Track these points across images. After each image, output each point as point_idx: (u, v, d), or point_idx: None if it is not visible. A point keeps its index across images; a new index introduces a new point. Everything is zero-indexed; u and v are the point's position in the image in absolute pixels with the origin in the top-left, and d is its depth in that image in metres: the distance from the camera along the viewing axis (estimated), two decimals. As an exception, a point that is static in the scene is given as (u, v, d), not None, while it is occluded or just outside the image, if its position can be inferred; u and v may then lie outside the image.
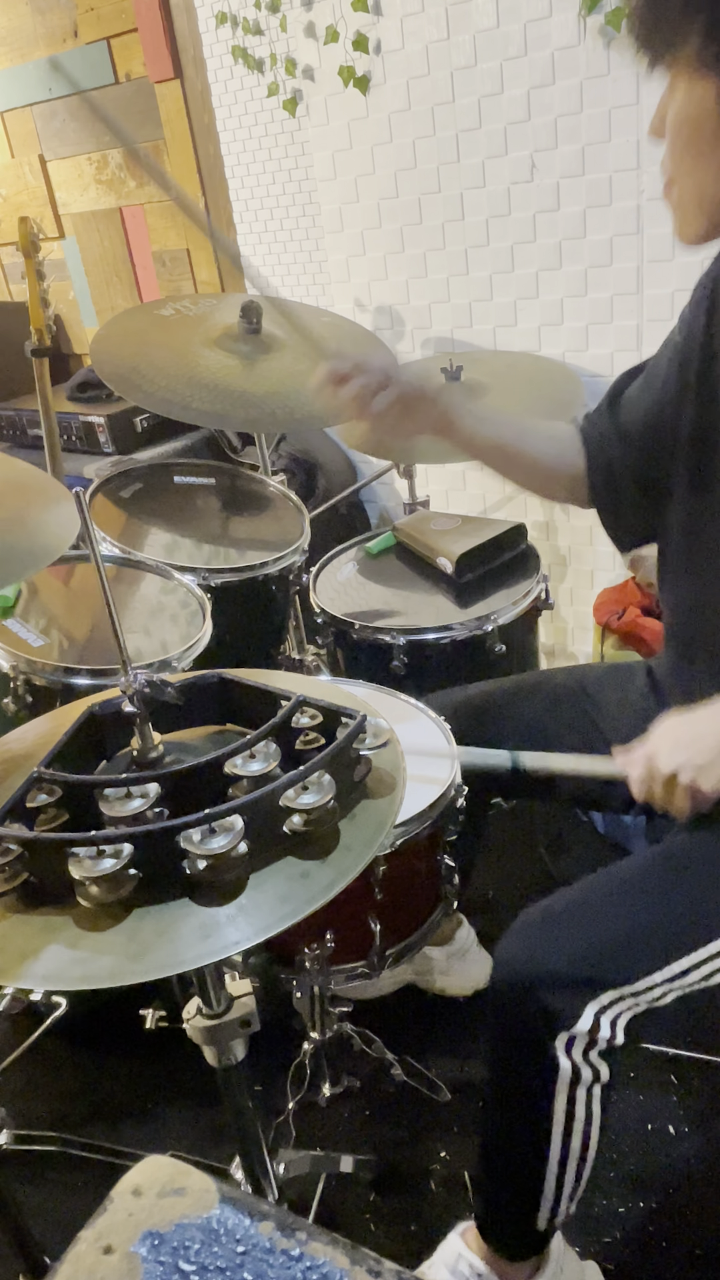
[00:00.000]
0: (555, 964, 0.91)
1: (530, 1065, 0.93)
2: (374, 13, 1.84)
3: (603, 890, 0.98)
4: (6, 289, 3.06)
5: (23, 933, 0.61)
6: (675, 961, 0.91)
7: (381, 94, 1.91)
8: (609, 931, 0.93)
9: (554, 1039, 0.90)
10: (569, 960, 0.91)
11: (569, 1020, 0.89)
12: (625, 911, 0.95)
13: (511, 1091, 0.98)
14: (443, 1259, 1.09)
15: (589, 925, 0.94)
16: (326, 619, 1.61)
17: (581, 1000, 0.90)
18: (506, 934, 0.96)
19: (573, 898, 0.98)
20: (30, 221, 1.76)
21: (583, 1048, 0.92)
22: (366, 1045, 1.38)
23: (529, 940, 0.94)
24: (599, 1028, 0.90)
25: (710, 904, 0.94)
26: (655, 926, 0.93)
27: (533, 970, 0.92)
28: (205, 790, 0.69)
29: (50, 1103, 1.47)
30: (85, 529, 0.77)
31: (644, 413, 1.09)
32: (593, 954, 0.91)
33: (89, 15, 2.33)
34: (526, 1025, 0.92)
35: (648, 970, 0.91)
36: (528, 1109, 0.95)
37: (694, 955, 0.91)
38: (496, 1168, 1.04)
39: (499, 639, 1.54)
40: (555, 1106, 0.93)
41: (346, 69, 1.90)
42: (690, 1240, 1.19)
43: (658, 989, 0.91)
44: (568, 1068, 0.91)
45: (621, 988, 0.90)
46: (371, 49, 1.87)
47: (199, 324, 1.74)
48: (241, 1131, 0.91)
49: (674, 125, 0.84)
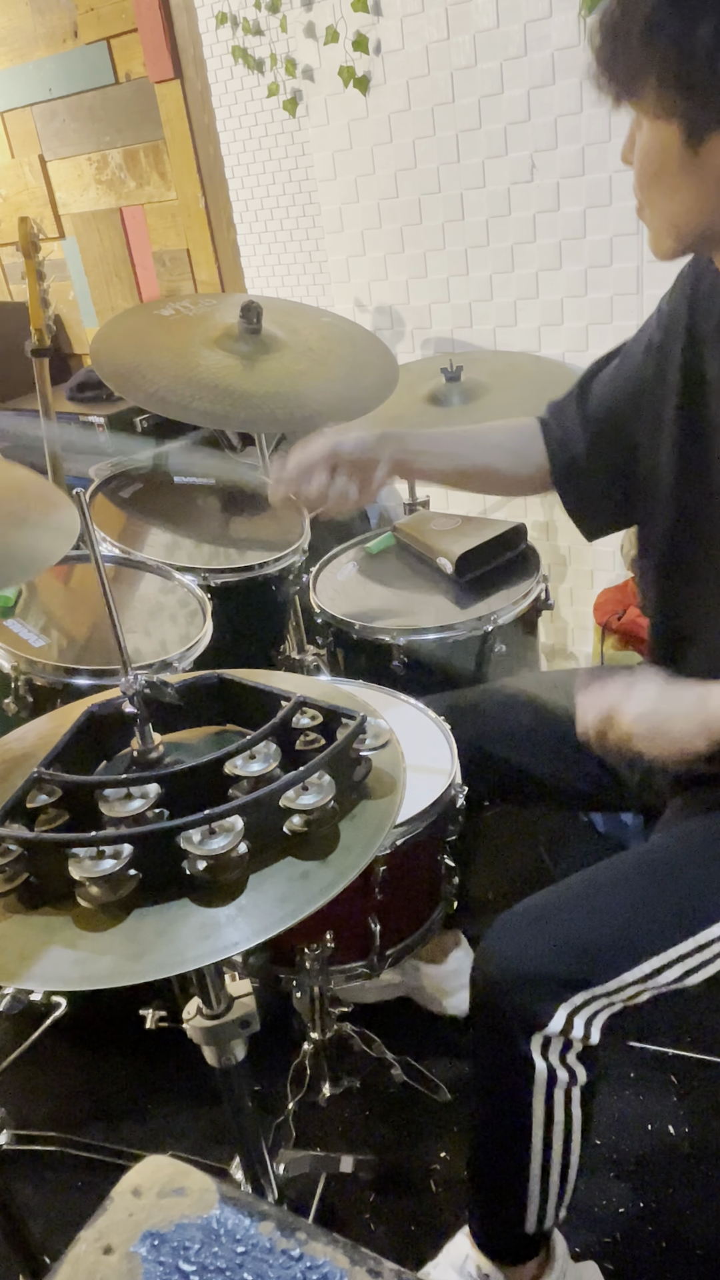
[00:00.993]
0: (528, 965, 0.91)
1: (507, 1066, 0.93)
2: (374, 13, 1.84)
3: (576, 892, 0.99)
4: (6, 289, 3.06)
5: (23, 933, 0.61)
6: (646, 961, 0.91)
7: (381, 94, 1.91)
8: (580, 932, 0.93)
9: (529, 1040, 0.91)
10: (541, 961, 0.91)
11: (542, 1020, 0.90)
12: (596, 912, 0.95)
13: (492, 1092, 0.98)
14: (449, 1259, 1.09)
15: (561, 926, 0.94)
16: (326, 619, 1.61)
17: (553, 1001, 0.90)
18: (485, 934, 0.96)
19: (547, 899, 0.98)
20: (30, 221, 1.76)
21: (559, 1049, 0.92)
22: (366, 1045, 1.38)
23: (504, 941, 0.95)
24: (572, 1028, 0.90)
25: (681, 904, 0.94)
26: (626, 927, 0.93)
27: (506, 971, 0.92)
28: (205, 791, 0.69)
29: (50, 1103, 1.47)
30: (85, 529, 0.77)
31: (616, 404, 1.10)
32: (564, 955, 0.91)
33: (89, 15, 2.33)
34: (502, 1026, 0.92)
35: (619, 970, 0.91)
36: (507, 1110, 0.95)
37: (665, 955, 0.91)
38: (482, 1169, 1.04)
39: (499, 639, 1.54)
40: (533, 1108, 0.93)
41: (346, 69, 1.90)
42: (690, 1240, 1.19)
43: (630, 988, 0.91)
44: (543, 1069, 0.92)
45: (593, 988, 0.90)
46: (371, 49, 1.87)
47: (199, 324, 1.74)
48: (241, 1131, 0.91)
49: (640, 159, 0.87)
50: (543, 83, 1.70)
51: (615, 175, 1.70)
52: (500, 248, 1.90)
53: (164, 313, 1.77)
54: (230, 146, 2.23)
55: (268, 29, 2.00)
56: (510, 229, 1.87)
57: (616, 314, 1.81)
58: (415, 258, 2.03)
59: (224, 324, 1.72)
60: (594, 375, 1.15)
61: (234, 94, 2.15)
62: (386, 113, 1.92)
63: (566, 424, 1.15)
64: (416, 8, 1.78)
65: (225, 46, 2.09)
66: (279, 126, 2.10)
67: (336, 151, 2.03)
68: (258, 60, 2.06)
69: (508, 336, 1.98)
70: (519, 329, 1.95)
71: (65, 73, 2.46)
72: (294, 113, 2.05)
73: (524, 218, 1.84)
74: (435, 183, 1.92)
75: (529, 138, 1.76)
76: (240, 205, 2.28)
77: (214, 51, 2.13)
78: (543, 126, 1.74)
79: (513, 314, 1.95)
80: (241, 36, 2.05)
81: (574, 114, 1.69)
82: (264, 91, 2.08)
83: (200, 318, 1.76)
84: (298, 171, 2.12)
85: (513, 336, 1.97)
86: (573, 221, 1.78)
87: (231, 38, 2.07)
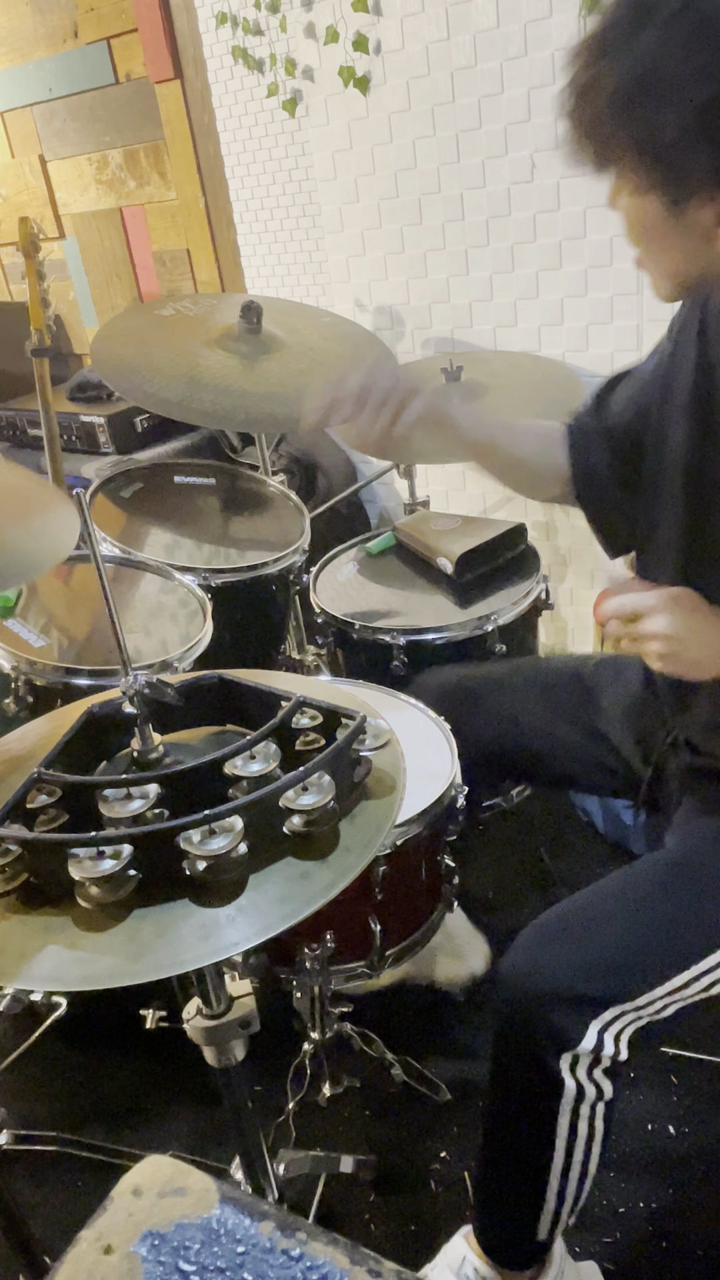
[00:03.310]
0: (558, 983, 0.90)
1: (534, 1084, 0.92)
2: (374, 13, 1.84)
3: (602, 905, 0.98)
4: (6, 289, 3.06)
5: (23, 933, 0.61)
6: (677, 975, 0.91)
7: (381, 94, 1.91)
8: (610, 948, 0.92)
9: (559, 1059, 0.90)
10: (571, 979, 0.90)
11: (573, 1040, 0.89)
12: (625, 927, 0.94)
13: (515, 1108, 0.97)
14: (446, 1261, 1.09)
15: (589, 942, 0.93)
16: (326, 619, 1.61)
17: (585, 1019, 0.89)
18: (509, 951, 0.95)
19: (572, 912, 0.97)
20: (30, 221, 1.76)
21: (587, 1066, 0.91)
22: (366, 1045, 1.38)
23: (531, 958, 0.93)
24: (603, 1045, 0.89)
25: (707, 916, 0.94)
26: (656, 941, 0.92)
27: (536, 990, 0.91)
28: (205, 791, 0.69)
29: (50, 1103, 1.47)
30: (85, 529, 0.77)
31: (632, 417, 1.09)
32: (595, 972, 0.90)
33: (89, 15, 2.33)
34: (531, 1045, 0.91)
35: (650, 986, 0.90)
36: (531, 1126, 0.95)
37: (695, 968, 0.91)
38: (497, 1181, 1.03)
39: (499, 639, 1.54)
40: (559, 1124, 0.93)
41: (346, 69, 1.90)
42: (690, 1240, 1.19)
43: (659, 1002, 0.91)
44: (572, 1087, 0.91)
45: (624, 1004, 0.90)
46: (371, 49, 1.87)
47: (199, 324, 1.74)
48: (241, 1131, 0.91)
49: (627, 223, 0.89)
50: (543, 83, 1.70)
51: (615, 175, 1.70)
52: (500, 248, 1.90)
53: (164, 313, 1.77)
54: (230, 146, 2.23)
55: (268, 29, 2.00)
56: (510, 229, 1.87)
57: (616, 314, 1.81)
58: (415, 258, 2.03)
59: (224, 324, 1.73)
60: (610, 390, 1.14)
61: (234, 94, 2.15)
62: (386, 113, 1.92)
63: (587, 433, 1.14)
64: (416, 8, 1.78)
65: (225, 46, 2.09)
66: (279, 126, 2.10)
67: (336, 151, 2.03)
68: (258, 60, 2.06)
69: (508, 336, 1.98)
70: (519, 329, 1.95)
71: (65, 73, 2.46)
72: (294, 113, 2.05)
73: (524, 218, 1.84)
74: (435, 183, 1.92)
75: (529, 138, 1.76)
76: (240, 205, 2.28)
77: (214, 51, 2.13)
78: (543, 126, 1.74)
79: (513, 314, 1.95)
80: (241, 36, 2.05)
81: (574, 114, 1.69)
82: (264, 91, 2.08)
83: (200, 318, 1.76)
84: (298, 171, 2.12)
85: (513, 336, 1.97)
86: (573, 221, 1.78)
87: (231, 38, 2.07)
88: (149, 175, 2.45)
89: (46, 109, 2.58)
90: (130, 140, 2.44)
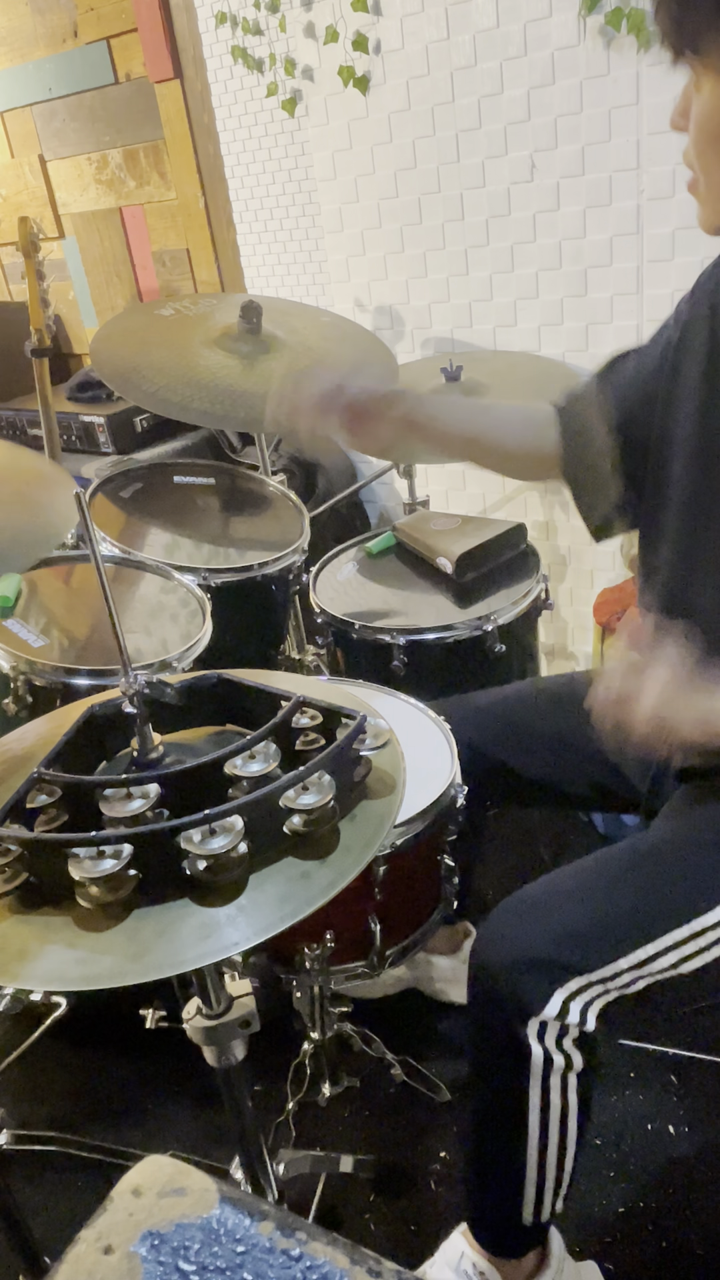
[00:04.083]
0: (523, 951, 0.92)
1: (503, 1051, 0.94)
2: (374, 13, 1.84)
3: (572, 880, 0.99)
4: (6, 289, 3.06)
5: (23, 933, 0.61)
6: (641, 948, 0.91)
7: (381, 94, 1.91)
8: (576, 919, 0.94)
9: (524, 1025, 0.91)
10: (536, 947, 0.92)
11: (537, 1006, 0.90)
12: (592, 899, 0.96)
13: (488, 1079, 0.99)
14: (445, 1258, 1.09)
15: (557, 913, 0.95)
16: (326, 619, 1.61)
17: (549, 986, 0.91)
18: (483, 923, 0.97)
19: (543, 888, 0.99)
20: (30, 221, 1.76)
21: (555, 1034, 0.92)
22: (366, 1045, 1.38)
23: (500, 928, 0.96)
24: (568, 1013, 0.91)
25: (675, 891, 0.95)
26: (620, 914, 0.94)
27: (502, 957, 0.93)
28: (205, 791, 0.69)
29: (50, 1103, 1.47)
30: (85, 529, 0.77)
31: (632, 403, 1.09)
32: (560, 941, 0.92)
33: (89, 15, 2.33)
34: (499, 1011, 0.93)
35: (613, 957, 0.91)
36: (504, 1096, 0.96)
37: (659, 942, 0.92)
38: (480, 1159, 1.05)
39: (499, 639, 1.54)
40: (529, 1093, 0.94)
41: (346, 69, 1.90)
42: (690, 1240, 1.19)
43: (625, 975, 0.92)
44: (539, 1054, 0.92)
45: (588, 974, 0.91)
46: (371, 49, 1.87)
47: (199, 324, 1.74)
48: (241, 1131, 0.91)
49: (699, 121, 0.83)
50: (543, 83, 1.70)
51: (615, 175, 1.70)
52: (500, 248, 1.90)
53: (164, 313, 1.77)
54: (230, 146, 2.23)
55: (267, 29, 2.00)
56: (510, 229, 1.87)
57: (616, 314, 1.81)
58: (415, 258, 2.03)
59: (224, 324, 1.72)
60: (609, 371, 1.13)
61: (234, 94, 2.15)
62: (386, 112, 1.92)
63: (583, 417, 1.14)
64: (416, 8, 1.78)
65: (225, 46, 2.09)
66: (279, 126, 2.10)
67: (336, 151, 2.03)
68: (257, 60, 2.06)
69: (508, 336, 1.98)
70: (519, 329, 1.95)
71: (65, 72, 2.46)
72: (293, 112, 2.05)
73: (524, 218, 1.84)
74: (435, 183, 1.92)
75: (529, 138, 1.76)
76: (240, 205, 2.28)
77: (214, 51, 2.13)
78: (543, 126, 1.74)
79: (513, 314, 1.95)
80: (241, 36, 2.05)
81: (574, 114, 1.69)
82: (263, 91, 2.08)
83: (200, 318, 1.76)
84: (297, 171, 2.12)
85: (513, 336, 1.97)
86: (573, 221, 1.78)
87: (231, 37, 2.07)
88: (149, 175, 2.45)
89: (46, 109, 2.58)
90: (130, 140, 2.44)
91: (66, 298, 2.83)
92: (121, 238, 2.60)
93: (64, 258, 2.77)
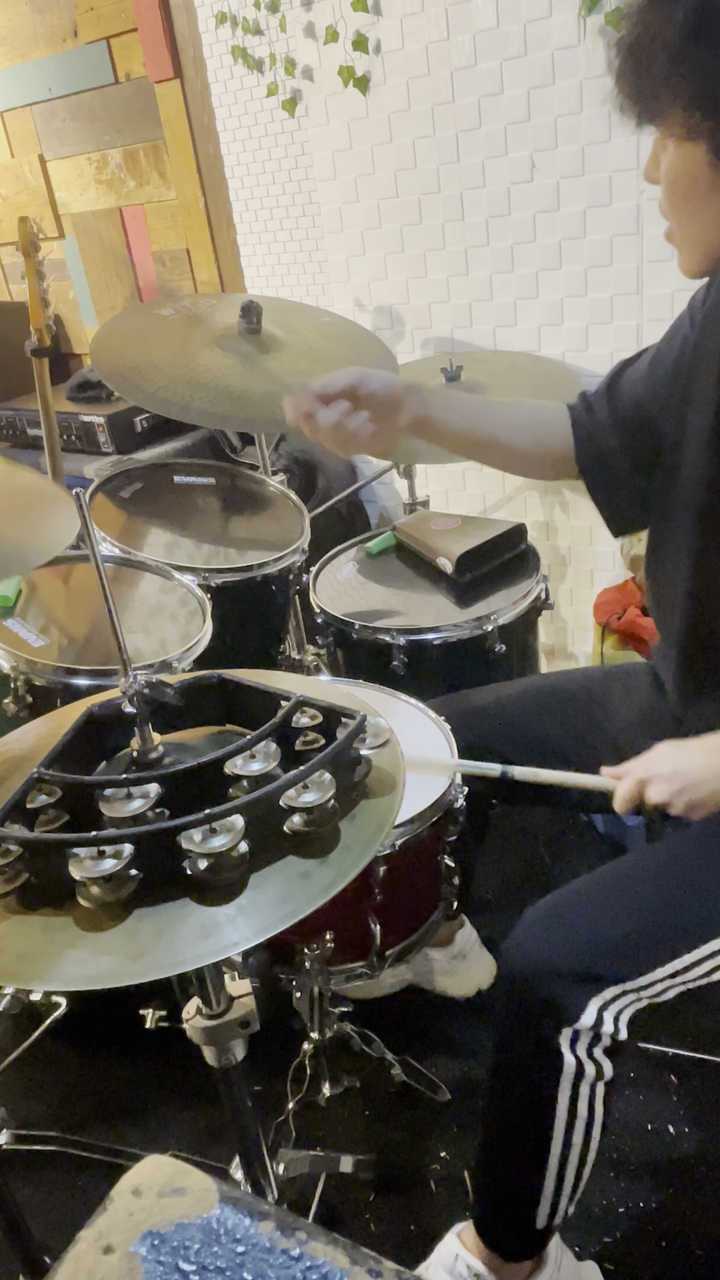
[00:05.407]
0: (560, 959, 0.92)
1: (535, 1059, 0.93)
2: (374, 13, 1.84)
3: (608, 886, 0.99)
4: (6, 289, 3.06)
5: (23, 933, 0.61)
6: (680, 957, 0.92)
7: (381, 94, 1.91)
8: (613, 927, 0.94)
9: (559, 1033, 0.91)
10: (573, 956, 0.92)
11: (573, 1015, 0.90)
12: (629, 907, 0.95)
13: (516, 1085, 0.98)
14: (440, 1260, 1.09)
15: (593, 921, 0.95)
16: (326, 619, 1.61)
17: (585, 995, 0.90)
18: (515, 929, 0.97)
19: (578, 893, 0.99)
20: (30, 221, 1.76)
21: (587, 1043, 0.92)
22: (366, 1045, 1.38)
23: (535, 935, 0.95)
24: (602, 1022, 0.91)
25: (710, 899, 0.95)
26: (659, 923, 0.94)
27: (538, 965, 0.92)
28: (205, 790, 0.69)
29: (50, 1103, 1.47)
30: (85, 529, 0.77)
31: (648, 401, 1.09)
32: (597, 950, 0.92)
33: (89, 15, 2.33)
34: (532, 1019, 0.92)
35: (651, 966, 0.91)
36: (531, 1104, 0.96)
37: (698, 951, 0.92)
38: (497, 1164, 1.04)
39: (499, 639, 1.54)
40: (558, 1102, 0.94)
41: (346, 69, 1.90)
42: (690, 1240, 1.19)
43: (660, 984, 0.92)
44: (572, 1063, 0.92)
45: (625, 983, 0.91)
46: (371, 49, 1.87)
47: (199, 324, 1.74)
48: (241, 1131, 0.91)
49: (667, 179, 0.87)
50: (543, 83, 1.70)
51: (615, 175, 1.70)
52: (500, 248, 1.90)
53: (164, 313, 1.77)
54: (230, 146, 2.23)
55: (267, 29, 2.00)
56: (510, 229, 1.87)
57: (616, 314, 1.81)
58: (415, 258, 2.03)
59: (224, 324, 1.72)
60: (622, 371, 1.13)
61: (234, 94, 2.15)
62: (386, 113, 1.92)
63: (597, 418, 1.14)
64: (416, 8, 1.78)
65: (225, 46, 2.09)
66: (279, 126, 2.10)
67: (336, 151, 2.03)
68: (257, 60, 2.06)
69: (508, 336, 1.98)
70: (519, 329, 1.95)
71: (65, 72, 2.46)
72: (293, 112, 2.05)
73: (524, 218, 1.84)
74: (435, 183, 1.92)
75: (529, 138, 1.76)
76: (240, 205, 2.28)
77: (214, 51, 2.13)
78: (543, 126, 1.74)
79: (513, 314, 1.95)
80: (241, 36, 2.05)
81: (574, 114, 1.69)
82: (263, 91, 2.08)
83: (200, 318, 1.76)
84: (298, 171, 2.12)
85: (513, 336, 1.97)
86: (573, 221, 1.78)
87: (231, 37, 2.07)
88: (149, 175, 2.45)
89: (46, 109, 2.58)
90: (130, 140, 2.44)
91: (66, 298, 2.83)
92: (121, 238, 2.60)
93: (64, 258, 2.77)
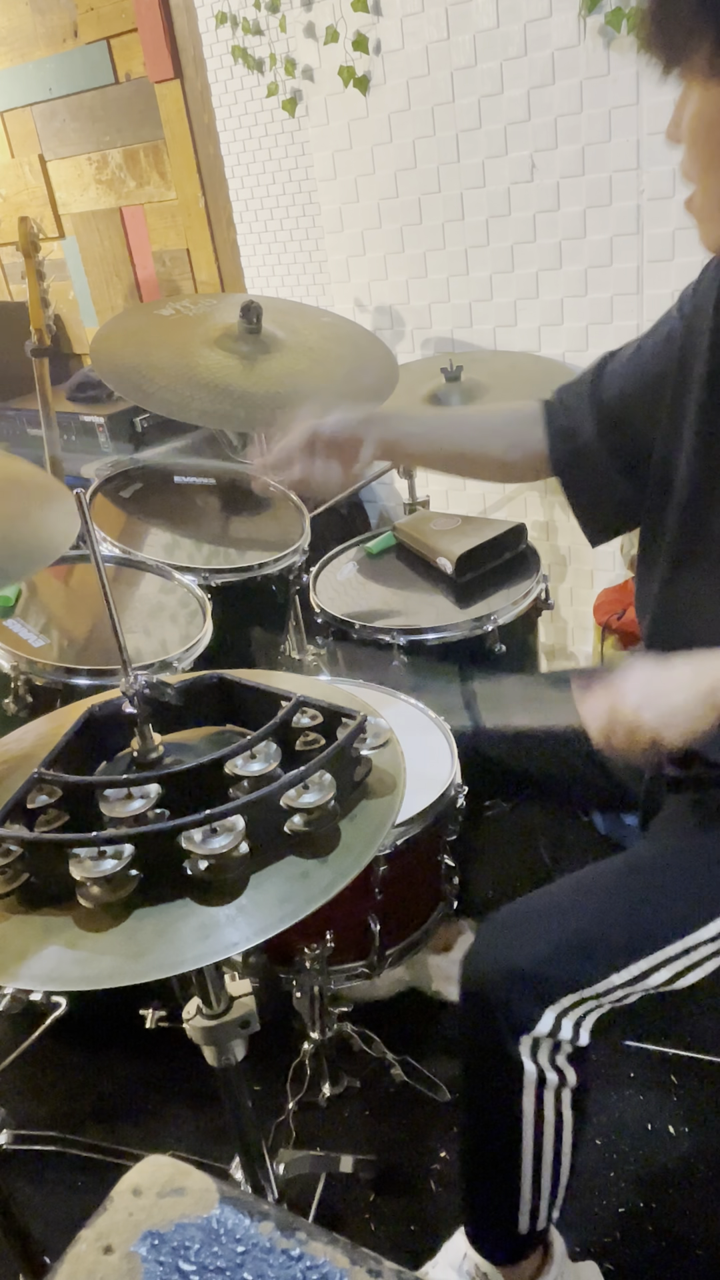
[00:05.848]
0: (515, 967, 0.91)
1: (497, 1068, 0.92)
2: (374, 13, 1.84)
3: (565, 895, 0.98)
4: (6, 289, 3.06)
5: (23, 933, 0.61)
6: (635, 964, 0.90)
7: (381, 94, 1.91)
8: (567, 935, 0.92)
9: (517, 1042, 0.90)
10: (528, 963, 0.91)
11: (529, 1023, 0.89)
12: (586, 915, 0.94)
13: (482, 1095, 0.98)
14: (448, 1258, 1.09)
15: (549, 929, 0.94)
16: (326, 619, 1.61)
17: (541, 1003, 0.89)
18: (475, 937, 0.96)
19: (536, 902, 0.98)
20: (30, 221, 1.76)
21: (548, 1051, 0.91)
22: (366, 1045, 1.38)
23: (491, 944, 0.94)
24: (560, 1030, 0.90)
25: (670, 907, 0.94)
26: (615, 930, 0.92)
27: (494, 973, 0.91)
28: (206, 791, 0.69)
29: (50, 1103, 1.47)
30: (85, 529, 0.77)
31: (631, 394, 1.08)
32: (551, 958, 0.91)
33: (89, 15, 2.33)
34: (491, 1027, 0.91)
35: (606, 973, 0.90)
36: (497, 1111, 0.95)
37: (653, 957, 0.91)
38: (475, 1172, 1.04)
39: (499, 639, 1.54)
40: (524, 1109, 0.93)
41: (346, 69, 1.90)
42: (690, 1240, 1.19)
43: (618, 990, 0.91)
44: (533, 1071, 0.91)
45: (580, 990, 0.90)
46: (371, 49, 1.87)
47: (199, 324, 1.74)
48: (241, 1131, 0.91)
49: (691, 129, 0.83)
50: (543, 83, 1.70)
51: (615, 175, 1.70)
52: (500, 248, 1.90)
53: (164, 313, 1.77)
54: (230, 146, 2.23)
55: (267, 29, 2.00)
56: (510, 229, 1.87)
57: (616, 314, 1.81)
58: (415, 258, 2.03)
59: (224, 324, 1.72)
60: (606, 364, 1.12)
61: (234, 94, 2.15)
62: (386, 113, 1.92)
63: (574, 411, 1.13)
64: (416, 8, 1.78)
65: (225, 46, 2.09)
66: (279, 126, 2.10)
67: (336, 151, 2.03)
68: (257, 60, 2.06)
69: (508, 336, 1.98)
70: (519, 329, 1.95)
71: (65, 72, 2.46)
72: (294, 112, 2.05)
73: (524, 218, 1.84)
74: (435, 183, 1.92)
75: (529, 138, 1.76)
76: (240, 205, 2.28)
77: (214, 51, 2.13)
78: (543, 126, 1.74)
79: (513, 314, 1.95)
80: (241, 36, 2.05)
81: (574, 114, 1.70)
82: (264, 91, 2.08)
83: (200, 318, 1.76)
84: (298, 171, 2.12)
85: (513, 336, 1.97)
86: (573, 221, 1.78)
87: (231, 37, 2.07)
88: (149, 175, 2.45)
89: (46, 109, 2.58)
90: (130, 140, 2.44)
91: (66, 298, 2.83)
92: (121, 238, 2.60)
93: (64, 258, 2.77)
